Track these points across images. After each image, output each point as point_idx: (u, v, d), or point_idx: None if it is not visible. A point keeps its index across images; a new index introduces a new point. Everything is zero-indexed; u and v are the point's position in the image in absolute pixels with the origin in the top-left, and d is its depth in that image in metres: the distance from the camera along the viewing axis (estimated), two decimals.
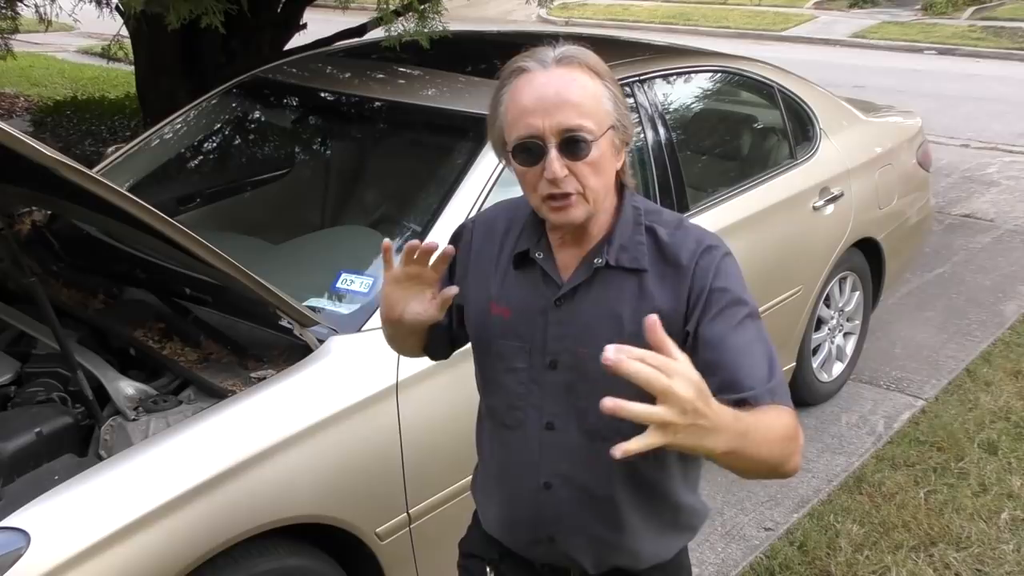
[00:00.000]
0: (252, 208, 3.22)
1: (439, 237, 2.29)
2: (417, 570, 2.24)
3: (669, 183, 2.90)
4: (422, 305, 1.41)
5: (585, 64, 1.32)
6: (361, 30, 5.66)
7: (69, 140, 6.96)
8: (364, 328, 2.17)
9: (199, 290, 2.33)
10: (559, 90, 1.29)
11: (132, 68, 6.49)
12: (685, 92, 3.36)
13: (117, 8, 5.07)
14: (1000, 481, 3.30)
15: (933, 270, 5.35)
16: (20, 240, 2.68)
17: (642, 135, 2.88)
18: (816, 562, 2.91)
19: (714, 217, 2.99)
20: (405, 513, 2.16)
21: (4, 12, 5.23)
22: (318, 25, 6.11)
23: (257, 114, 3.43)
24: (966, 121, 9.06)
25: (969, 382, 4.03)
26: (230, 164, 3.45)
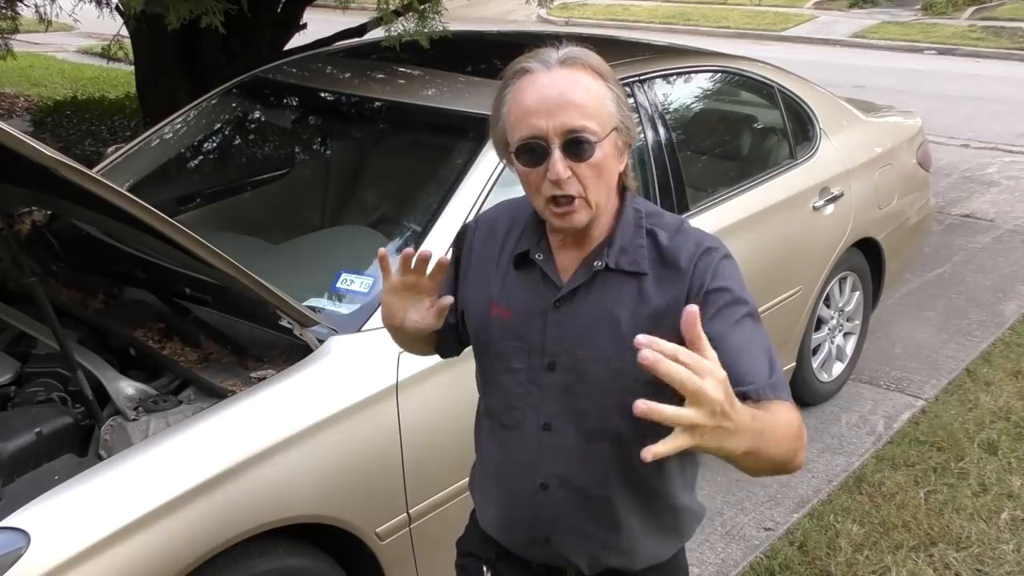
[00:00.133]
0: (252, 208, 3.22)
1: (439, 237, 2.31)
2: (417, 570, 2.24)
3: (669, 183, 2.90)
4: (420, 314, 1.41)
5: (589, 65, 1.32)
6: (361, 30, 5.66)
7: (69, 140, 6.96)
8: (364, 328, 2.17)
9: (199, 290, 2.32)
10: (563, 91, 1.29)
11: (132, 68, 6.50)
12: (685, 92, 3.36)
13: (117, 8, 5.07)
14: (1000, 481, 3.30)
15: (933, 270, 5.35)
16: (20, 240, 2.68)
17: (642, 135, 2.87)
18: (816, 562, 2.91)
19: (714, 217, 3.00)
20: (405, 513, 2.16)
21: (4, 12, 5.23)
22: (318, 25, 6.11)
23: (257, 114, 3.43)
24: (966, 121, 9.06)
25: (969, 382, 4.03)
26: (230, 164, 3.45)
